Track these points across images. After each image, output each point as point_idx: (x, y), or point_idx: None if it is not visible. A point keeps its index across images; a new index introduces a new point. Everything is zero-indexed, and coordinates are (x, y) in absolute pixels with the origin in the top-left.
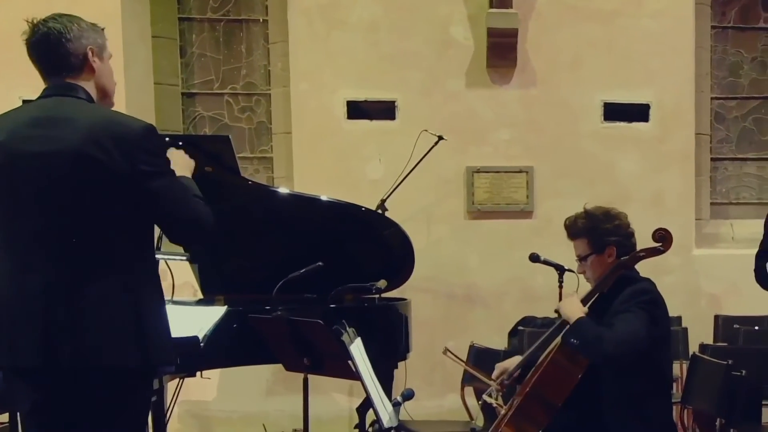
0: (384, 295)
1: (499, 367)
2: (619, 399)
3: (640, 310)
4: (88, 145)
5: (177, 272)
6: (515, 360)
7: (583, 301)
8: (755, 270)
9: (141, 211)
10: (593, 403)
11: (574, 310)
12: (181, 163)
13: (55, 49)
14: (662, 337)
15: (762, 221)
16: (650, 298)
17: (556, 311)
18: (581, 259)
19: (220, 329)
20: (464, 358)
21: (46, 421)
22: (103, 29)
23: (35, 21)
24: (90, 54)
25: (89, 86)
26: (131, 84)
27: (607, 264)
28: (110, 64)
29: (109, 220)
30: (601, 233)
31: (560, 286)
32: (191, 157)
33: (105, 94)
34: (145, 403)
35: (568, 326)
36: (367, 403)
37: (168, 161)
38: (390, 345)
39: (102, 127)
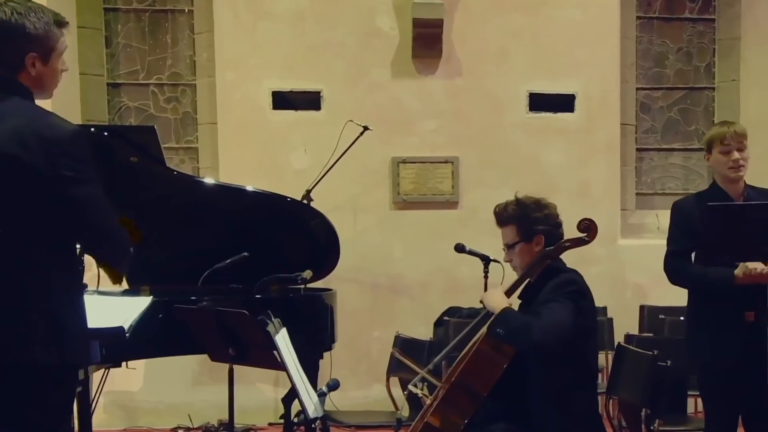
0: (309, 285)
1: None
2: (545, 389)
3: (566, 300)
4: (12, 144)
5: None
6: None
7: (510, 290)
8: (670, 271)
9: (61, 214)
10: (519, 393)
11: (499, 301)
12: None
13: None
14: (588, 328)
15: None
16: (576, 289)
17: (482, 302)
18: (509, 246)
19: (145, 320)
20: (389, 348)
21: None
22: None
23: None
24: (31, 60)
25: (30, 82)
26: None
27: (534, 252)
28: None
29: (28, 218)
30: (530, 221)
31: (485, 277)
32: (117, 147)
33: (43, 89)
34: (68, 395)
35: (493, 317)
36: (292, 394)
37: (94, 169)
38: (315, 335)
39: (30, 128)
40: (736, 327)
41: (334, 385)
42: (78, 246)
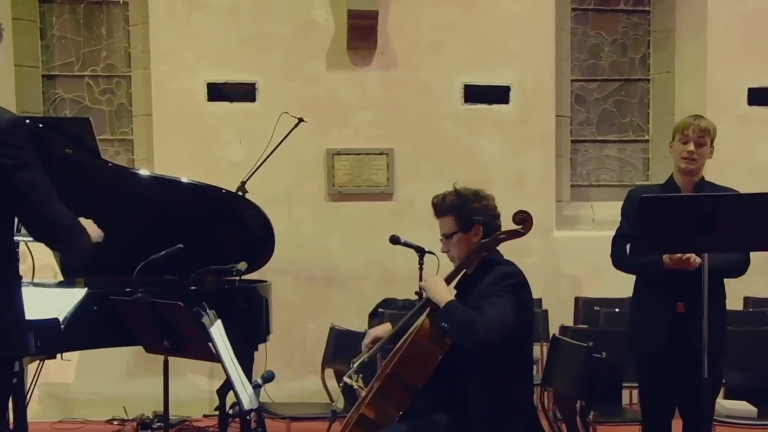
0: (245, 277)
1: (371, 333)
2: (481, 381)
3: (507, 293)
4: None
5: (37, 254)
6: (386, 327)
7: (447, 280)
8: (613, 255)
9: (1, 203)
10: (455, 384)
11: (443, 293)
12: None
13: None
14: (527, 320)
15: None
16: (517, 281)
17: (418, 293)
18: (447, 237)
19: (80, 311)
20: (325, 340)
21: None
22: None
23: None
24: None
25: None
26: None
27: (472, 243)
28: None
29: None
30: (469, 212)
31: (420, 268)
32: (52, 138)
33: None
34: (4, 387)
35: (431, 308)
36: (227, 385)
37: (35, 156)
38: (250, 327)
39: None
40: (667, 317)
41: (269, 377)
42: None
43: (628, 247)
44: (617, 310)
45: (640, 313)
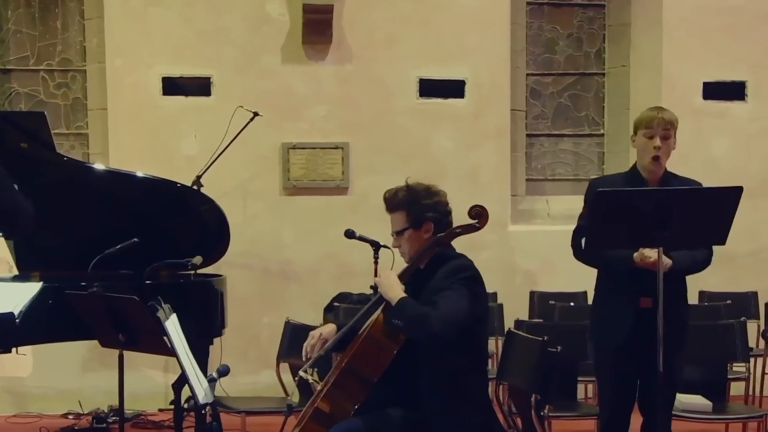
0: (200, 271)
1: (313, 335)
2: (436, 375)
3: (461, 286)
4: None
5: None
6: (330, 328)
7: (402, 276)
8: (574, 246)
9: None
10: (410, 378)
11: (396, 289)
12: None
13: None
14: (481, 314)
15: (579, 197)
16: (471, 275)
17: (373, 287)
18: (398, 233)
19: (35, 305)
20: (280, 334)
21: None
22: None
23: None
24: None
25: None
26: None
27: (423, 240)
28: None
29: None
30: (420, 208)
31: (376, 263)
32: (7, 133)
33: None
34: None
35: (386, 303)
36: (182, 380)
37: None
38: (205, 321)
39: None
40: (632, 311)
41: (224, 371)
42: None
43: (583, 240)
44: (572, 304)
45: (605, 307)
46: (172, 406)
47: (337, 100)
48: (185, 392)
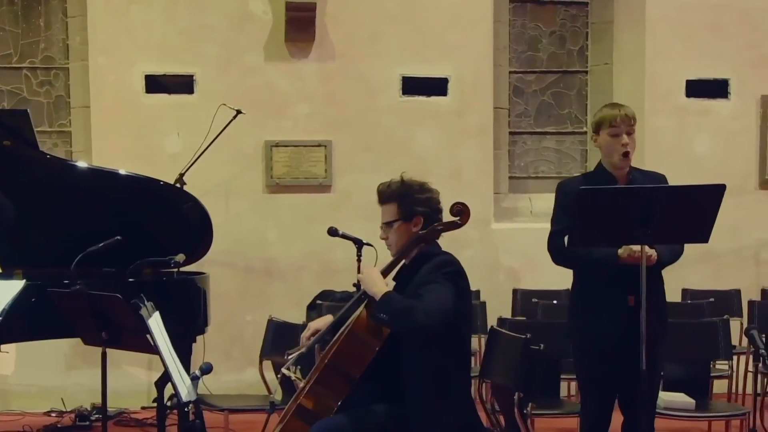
0: (183, 269)
1: (311, 327)
2: (419, 372)
3: (446, 280)
4: None
5: None
6: (327, 320)
7: (385, 271)
8: (553, 251)
9: None
10: (393, 374)
11: (379, 284)
12: None
13: None
14: (464, 310)
15: None
16: (455, 270)
17: (356, 285)
18: (387, 224)
19: (18, 303)
20: (263, 332)
21: None
22: None
23: None
24: None
25: None
26: None
27: (411, 233)
28: None
29: None
30: (412, 201)
31: (359, 260)
32: None
33: None
34: None
35: (369, 299)
36: (165, 377)
37: None
38: (188, 319)
39: None
40: (618, 310)
41: (207, 369)
42: None
43: (566, 239)
44: (555, 302)
45: (587, 305)
46: (155, 404)
47: (319, 97)
48: (168, 390)
